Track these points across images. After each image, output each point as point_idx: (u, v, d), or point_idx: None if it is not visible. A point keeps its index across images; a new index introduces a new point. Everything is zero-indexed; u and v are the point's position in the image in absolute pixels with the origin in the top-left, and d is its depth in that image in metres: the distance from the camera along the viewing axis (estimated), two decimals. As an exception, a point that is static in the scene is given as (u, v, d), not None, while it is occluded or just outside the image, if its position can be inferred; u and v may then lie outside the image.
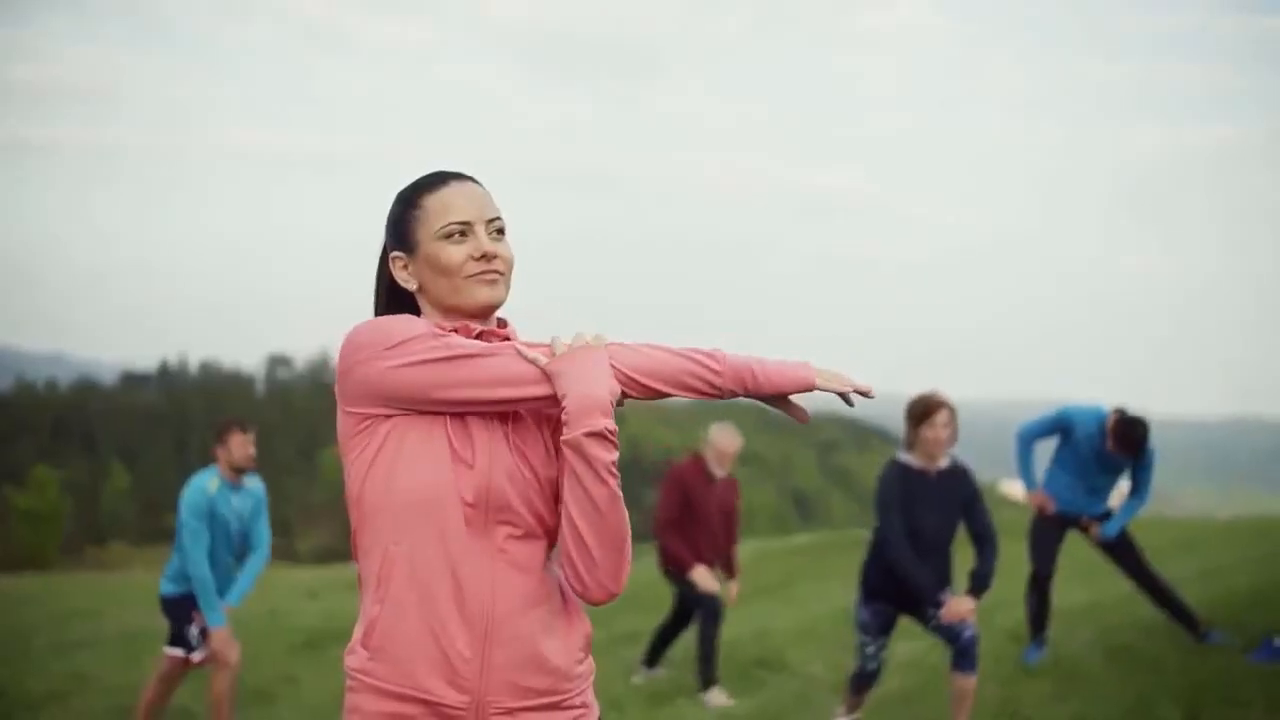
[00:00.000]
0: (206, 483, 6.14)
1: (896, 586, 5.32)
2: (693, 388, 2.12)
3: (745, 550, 11.42)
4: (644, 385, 2.10)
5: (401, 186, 2.23)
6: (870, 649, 5.54)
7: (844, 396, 2.17)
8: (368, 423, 2.10)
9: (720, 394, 2.13)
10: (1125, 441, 6.67)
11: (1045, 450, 7.13)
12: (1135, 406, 6.86)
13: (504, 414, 2.12)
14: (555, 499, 2.15)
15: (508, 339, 2.19)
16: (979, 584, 5.31)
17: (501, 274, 2.16)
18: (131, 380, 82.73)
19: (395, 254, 2.20)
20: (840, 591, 11.68)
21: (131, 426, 72.25)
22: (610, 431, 2.03)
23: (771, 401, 2.16)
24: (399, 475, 2.07)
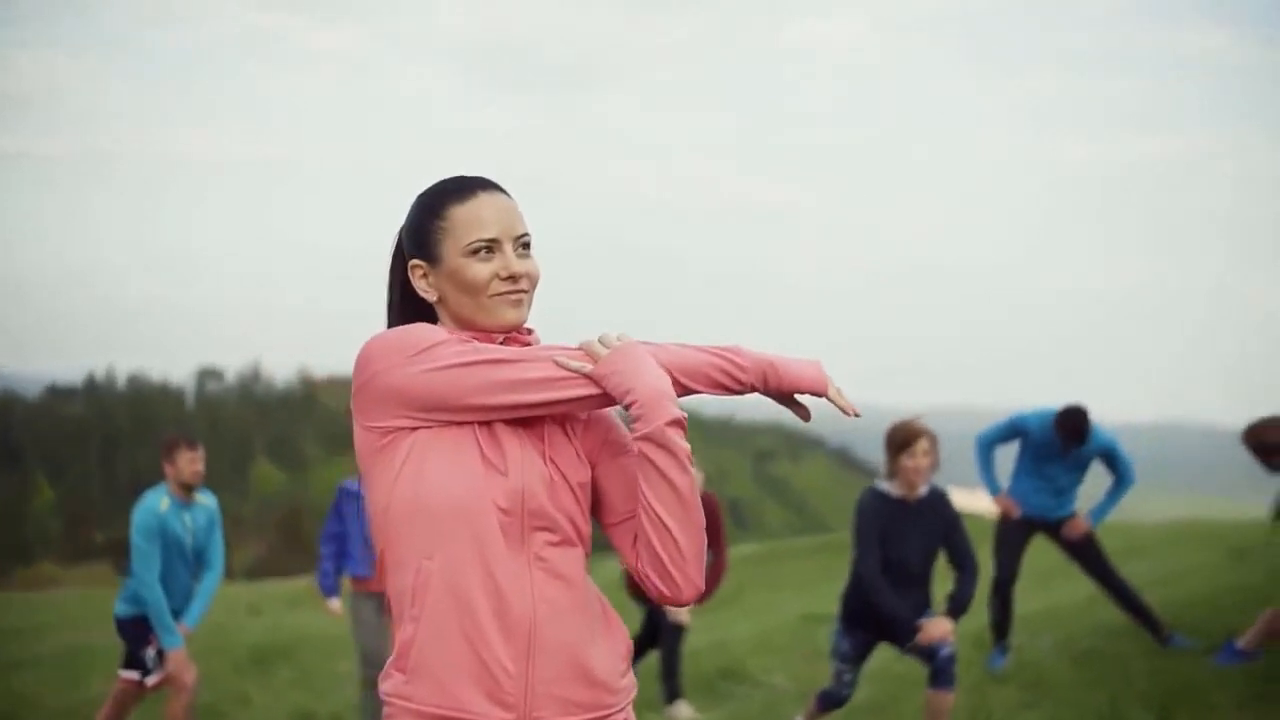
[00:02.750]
0: (156, 502, 5.96)
1: (877, 616, 5.25)
2: (719, 383, 2.09)
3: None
4: (679, 383, 2.05)
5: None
6: (848, 676, 5.47)
7: (843, 410, 2.16)
8: (390, 437, 2.01)
9: (743, 390, 2.11)
10: (1069, 430, 6.76)
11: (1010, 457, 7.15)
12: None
13: (531, 421, 2.05)
14: (586, 505, 2.09)
15: (528, 345, 2.12)
16: (957, 606, 5.24)
17: (526, 293, 2.10)
18: (57, 393, 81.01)
19: (415, 263, 2.12)
20: (792, 600, 11.69)
21: (57, 441, 70.83)
22: (684, 420, 1.99)
23: (779, 398, 2.14)
24: (428, 487, 1.98)
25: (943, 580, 5.37)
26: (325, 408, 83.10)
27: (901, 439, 5.21)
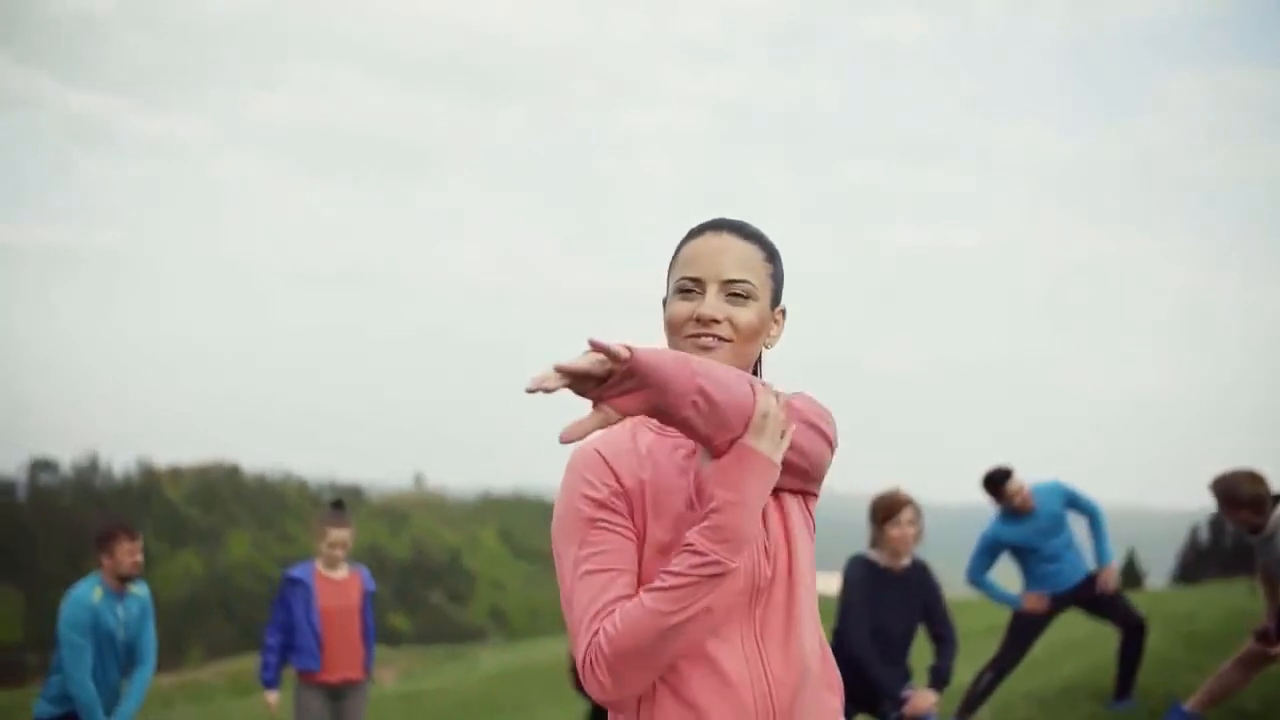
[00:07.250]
0: (89, 593, 5.60)
1: (859, 686, 5.20)
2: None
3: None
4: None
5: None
6: None
7: None
8: None
9: None
10: (991, 490, 6.89)
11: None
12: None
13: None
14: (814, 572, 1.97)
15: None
16: (940, 679, 5.29)
17: (724, 340, 1.93)
18: (-127, 489, 76.43)
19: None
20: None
21: (-126, 540, 66.67)
22: None
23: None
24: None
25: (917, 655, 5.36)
26: (166, 499, 79.99)
27: (886, 509, 5.24)
